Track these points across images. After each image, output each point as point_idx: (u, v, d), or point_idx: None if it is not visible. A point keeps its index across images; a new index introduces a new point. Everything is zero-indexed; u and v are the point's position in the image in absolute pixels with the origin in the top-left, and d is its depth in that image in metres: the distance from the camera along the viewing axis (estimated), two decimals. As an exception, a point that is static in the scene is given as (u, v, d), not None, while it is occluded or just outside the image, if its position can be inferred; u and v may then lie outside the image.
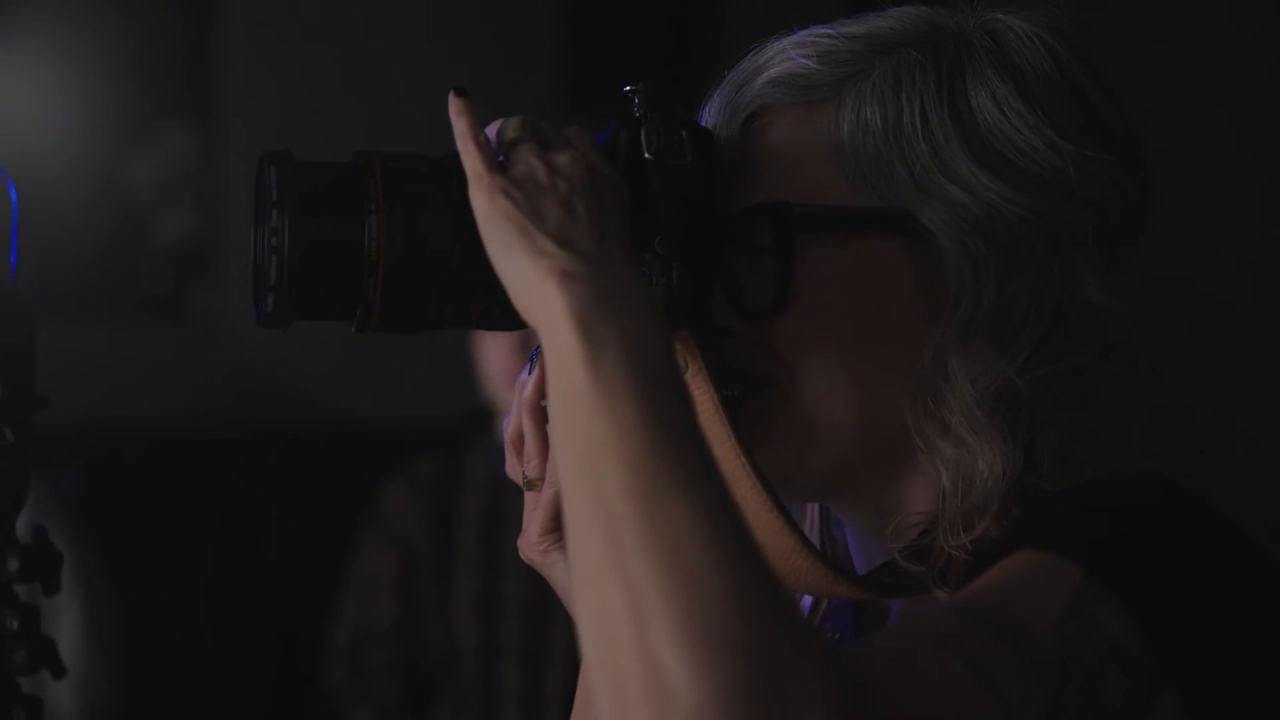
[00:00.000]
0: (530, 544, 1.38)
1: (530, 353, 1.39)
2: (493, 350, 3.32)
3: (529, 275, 1.19)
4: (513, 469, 1.40)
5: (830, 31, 1.39)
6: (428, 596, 3.42)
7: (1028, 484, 1.32)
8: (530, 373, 1.39)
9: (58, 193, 4.58)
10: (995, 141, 1.34)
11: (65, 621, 3.47)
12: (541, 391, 1.36)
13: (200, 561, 4.60)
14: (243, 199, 1.45)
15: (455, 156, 1.27)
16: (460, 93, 1.29)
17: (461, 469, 3.46)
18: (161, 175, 4.80)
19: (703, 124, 1.40)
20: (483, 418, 3.43)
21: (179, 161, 4.79)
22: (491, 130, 1.29)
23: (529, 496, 1.39)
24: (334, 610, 3.48)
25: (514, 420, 1.40)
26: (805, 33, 1.40)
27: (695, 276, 1.32)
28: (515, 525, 1.42)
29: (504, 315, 1.25)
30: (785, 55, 1.39)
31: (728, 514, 1.12)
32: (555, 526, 1.36)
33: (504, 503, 3.39)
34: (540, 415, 1.37)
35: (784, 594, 1.11)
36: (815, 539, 1.47)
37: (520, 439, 1.39)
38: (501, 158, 1.27)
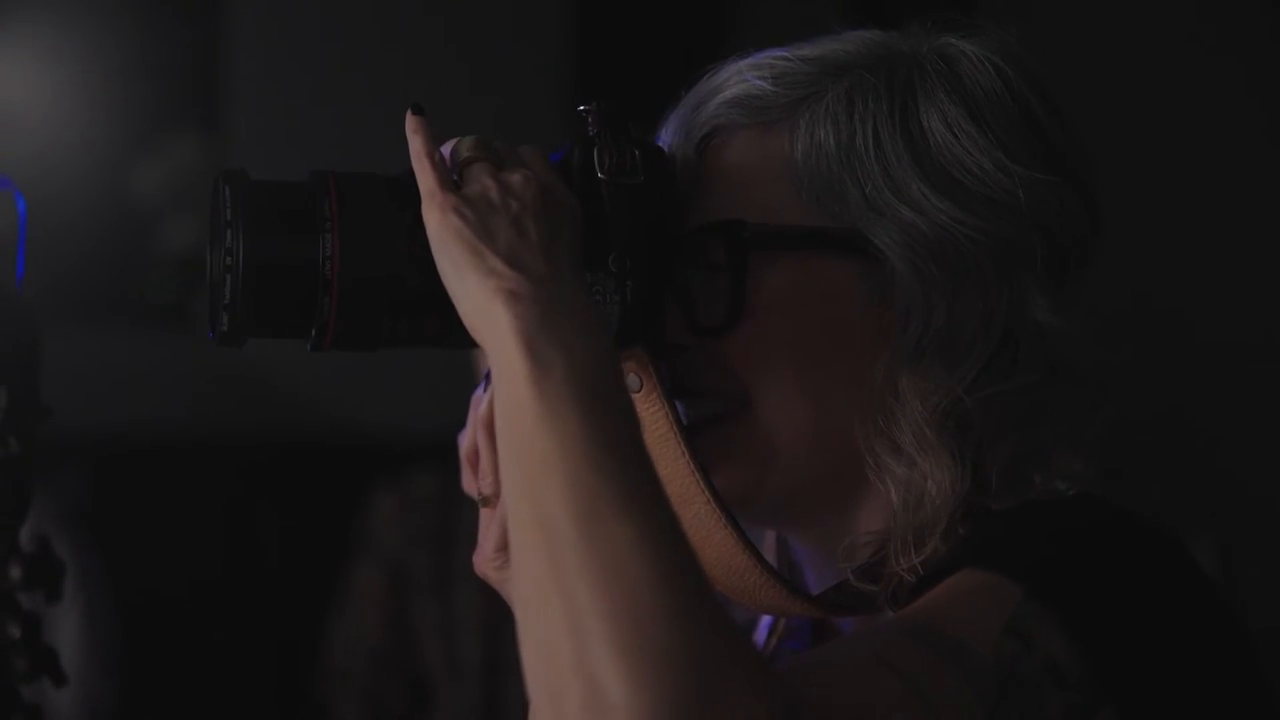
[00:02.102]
0: (485, 560, 1.40)
1: None
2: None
3: (478, 294, 1.21)
4: (468, 485, 1.42)
5: (785, 54, 1.41)
6: (421, 612, 3.41)
7: (976, 504, 1.34)
8: (485, 390, 1.40)
9: (64, 200, 4.60)
10: (946, 163, 1.35)
11: (66, 628, 3.48)
12: None
13: (202, 569, 4.61)
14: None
15: (411, 175, 1.29)
16: (418, 111, 1.30)
17: (459, 482, 3.45)
18: (168, 183, 4.81)
19: (659, 143, 1.41)
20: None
21: (186, 169, 4.81)
22: (446, 149, 1.30)
23: (484, 513, 1.40)
24: (332, 621, 3.49)
25: (469, 436, 1.41)
26: (761, 55, 1.42)
27: (649, 294, 1.33)
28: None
29: (459, 333, 1.26)
30: (741, 77, 1.40)
31: (669, 533, 1.13)
32: (509, 543, 1.37)
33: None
34: (495, 432, 1.38)
35: (721, 610, 1.12)
36: (773, 560, 1.48)
37: (475, 455, 1.40)
38: (456, 176, 1.28)
